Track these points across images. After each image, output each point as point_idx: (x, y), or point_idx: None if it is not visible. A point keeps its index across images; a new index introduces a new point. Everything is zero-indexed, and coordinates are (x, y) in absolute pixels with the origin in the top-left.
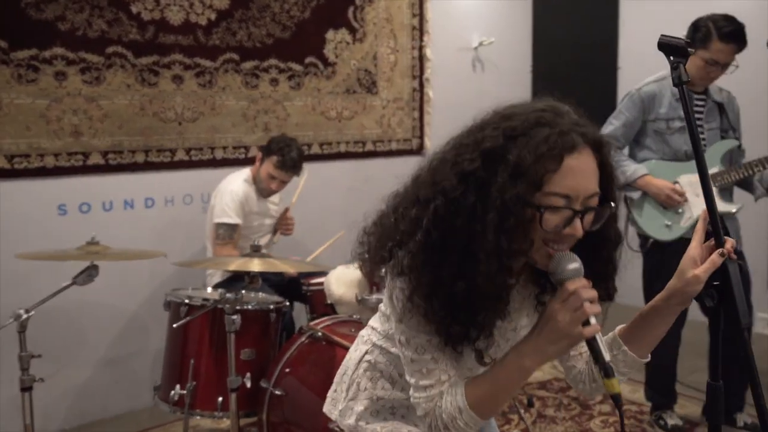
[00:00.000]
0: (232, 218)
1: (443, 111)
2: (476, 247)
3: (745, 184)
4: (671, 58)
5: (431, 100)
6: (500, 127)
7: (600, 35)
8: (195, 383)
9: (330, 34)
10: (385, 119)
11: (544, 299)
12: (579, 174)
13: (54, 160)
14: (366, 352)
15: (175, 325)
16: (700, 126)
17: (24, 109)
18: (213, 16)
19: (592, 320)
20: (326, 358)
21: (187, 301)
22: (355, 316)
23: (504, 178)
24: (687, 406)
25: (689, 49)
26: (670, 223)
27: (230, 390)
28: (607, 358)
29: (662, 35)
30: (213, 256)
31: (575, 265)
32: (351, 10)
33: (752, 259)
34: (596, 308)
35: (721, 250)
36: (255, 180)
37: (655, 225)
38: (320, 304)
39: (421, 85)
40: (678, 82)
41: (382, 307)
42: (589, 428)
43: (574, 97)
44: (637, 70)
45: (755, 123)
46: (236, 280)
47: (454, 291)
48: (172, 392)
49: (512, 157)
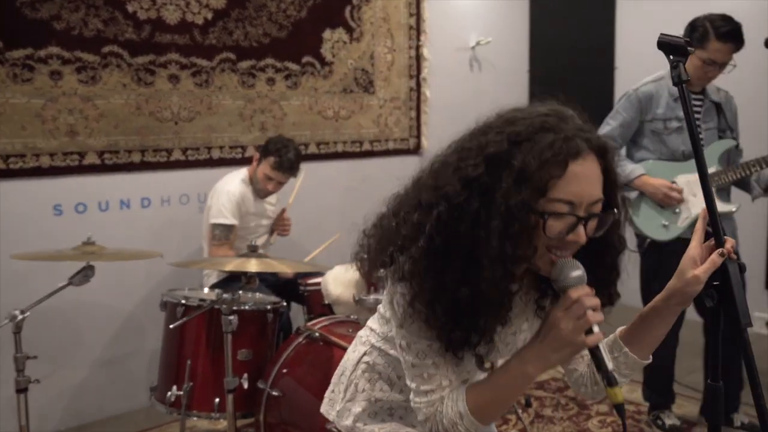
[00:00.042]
0: (228, 219)
1: (440, 110)
2: (480, 253)
3: (743, 184)
4: (671, 57)
5: (428, 100)
6: (504, 132)
7: (597, 35)
8: (192, 384)
9: (327, 34)
10: (382, 119)
11: (544, 304)
12: (583, 180)
13: (50, 160)
14: (364, 354)
15: (171, 326)
16: (697, 126)
17: (19, 109)
18: (209, 16)
19: (595, 328)
20: (324, 359)
21: (183, 301)
22: (352, 317)
23: (508, 183)
24: (684, 405)
25: (689, 48)
26: (667, 223)
27: (227, 391)
28: (610, 366)
29: (662, 34)
30: (209, 257)
31: (578, 272)
32: (348, 9)
33: (749, 260)
34: (599, 316)
35: (721, 250)
36: (252, 180)
37: (653, 225)
38: (317, 305)
39: (418, 84)
40: (678, 81)
41: (381, 309)
42: (587, 428)
43: (571, 98)
44: (635, 71)
45: (753, 123)
46: (233, 281)
47: (457, 297)
48: (169, 393)
49: (517, 163)
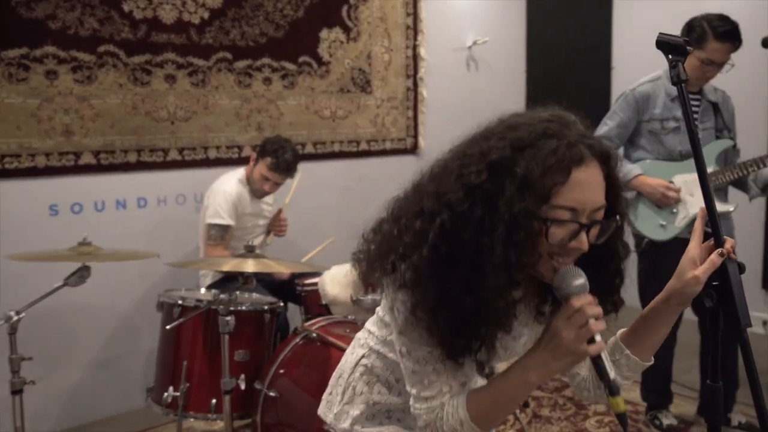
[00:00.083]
0: (225, 219)
1: (437, 110)
2: (484, 260)
3: (740, 184)
4: (670, 56)
5: (425, 100)
6: (506, 138)
7: (594, 35)
8: (188, 385)
9: (324, 33)
10: (379, 118)
11: (544, 309)
12: (586, 187)
13: (45, 160)
14: (362, 356)
15: (168, 327)
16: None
17: (15, 109)
18: (206, 15)
19: (597, 337)
20: (321, 360)
21: (180, 302)
22: (350, 317)
23: (512, 191)
24: (682, 405)
25: (688, 48)
26: (664, 222)
27: (224, 392)
28: (612, 375)
29: (661, 33)
30: (206, 257)
31: (581, 280)
32: (345, 9)
33: (746, 259)
34: (601, 325)
35: (720, 250)
36: (249, 181)
37: (650, 225)
38: (315, 305)
39: (415, 84)
40: (677, 80)
41: (380, 312)
42: (585, 428)
43: (568, 98)
44: (631, 71)
45: (750, 122)
46: (230, 281)
47: (460, 305)
48: (165, 394)
49: (520, 170)
